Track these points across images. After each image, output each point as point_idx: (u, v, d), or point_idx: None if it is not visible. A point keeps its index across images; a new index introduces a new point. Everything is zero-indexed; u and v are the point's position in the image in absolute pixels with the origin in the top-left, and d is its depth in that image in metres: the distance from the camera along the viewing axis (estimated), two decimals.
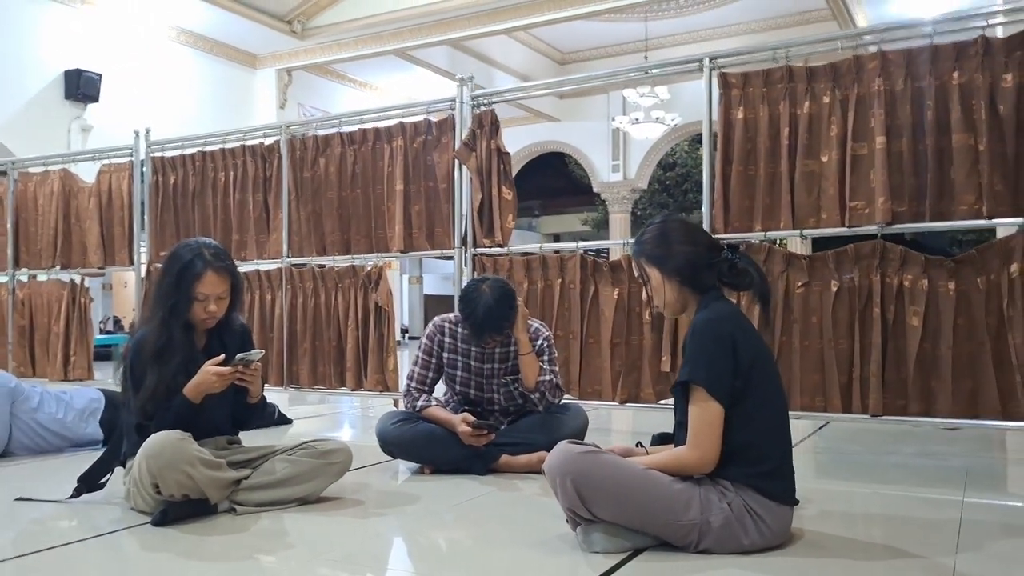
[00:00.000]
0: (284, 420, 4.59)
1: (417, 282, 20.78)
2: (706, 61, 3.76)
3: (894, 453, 3.67)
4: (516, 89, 4.78)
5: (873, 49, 3.38)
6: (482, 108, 4.35)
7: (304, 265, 5.00)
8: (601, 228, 18.52)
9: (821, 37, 3.63)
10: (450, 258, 4.52)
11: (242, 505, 2.48)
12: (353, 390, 4.73)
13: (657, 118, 13.04)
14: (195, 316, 2.56)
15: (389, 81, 13.84)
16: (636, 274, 2.25)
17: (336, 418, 5.29)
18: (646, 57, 12.24)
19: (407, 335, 18.13)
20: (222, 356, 2.48)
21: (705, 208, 3.72)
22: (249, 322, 4.87)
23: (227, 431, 2.68)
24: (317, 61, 12.20)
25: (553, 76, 14.54)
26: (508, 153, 4.35)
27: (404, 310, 19.72)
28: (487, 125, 4.28)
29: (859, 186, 3.33)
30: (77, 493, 2.66)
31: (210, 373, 2.45)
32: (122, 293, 16.28)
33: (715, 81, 3.70)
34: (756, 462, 1.97)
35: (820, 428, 4.21)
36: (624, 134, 14.44)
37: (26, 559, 2.11)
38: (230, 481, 2.46)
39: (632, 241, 2.32)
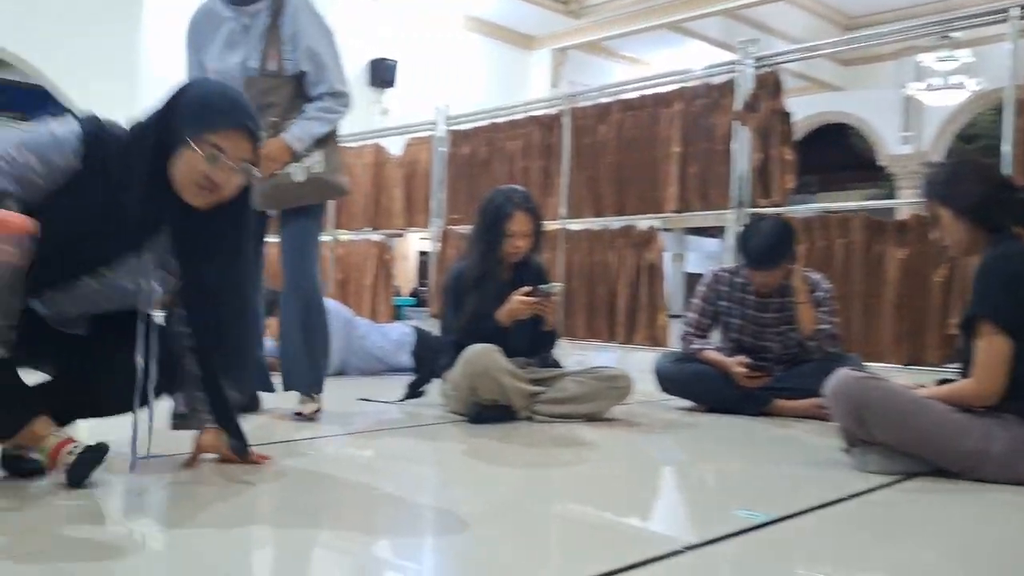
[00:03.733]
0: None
1: (679, 260, 20.74)
2: (1015, 11, 3.53)
3: None
4: (801, 48, 4.72)
5: None
6: (764, 70, 4.41)
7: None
8: None
9: None
10: (716, 233, 4.62)
11: (539, 415, 2.87)
12: (623, 344, 5.03)
13: (958, 83, 11.89)
14: (504, 251, 2.98)
15: (660, 55, 13.94)
16: (925, 214, 2.28)
17: None
18: None
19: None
20: (530, 288, 2.87)
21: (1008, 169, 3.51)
22: None
23: (525, 354, 3.07)
24: (591, 39, 12.63)
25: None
26: (790, 114, 4.37)
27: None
28: (769, 86, 4.33)
29: None
30: (404, 398, 3.21)
31: (518, 301, 2.85)
32: (401, 265, 18.00)
33: None
34: None
35: None
36: (917, 102, 13.35)
37: (372, 434, 2.63)
38: (530, 393, 2.85)
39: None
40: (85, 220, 1.69)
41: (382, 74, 11.67)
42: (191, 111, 1.75)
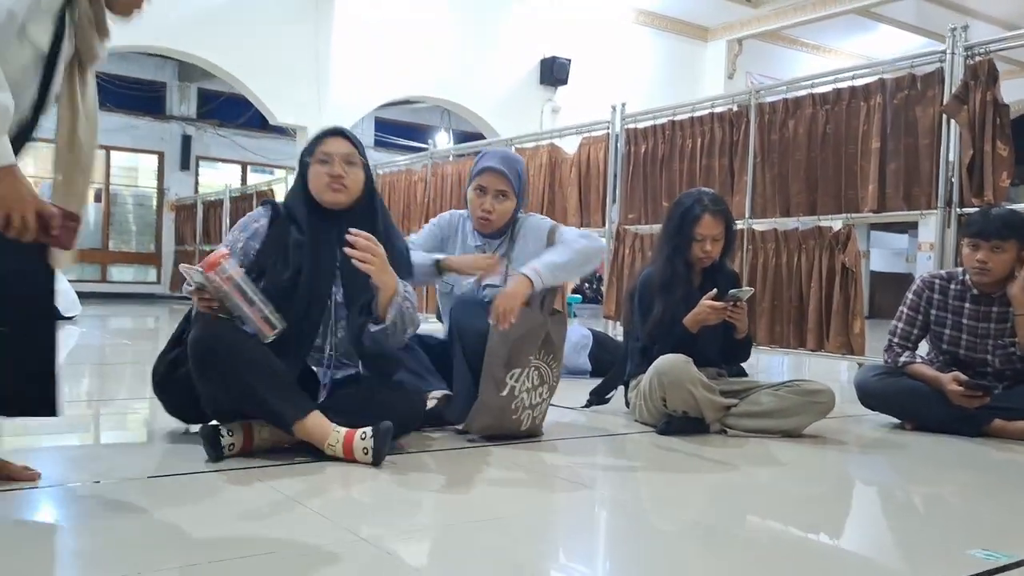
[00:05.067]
0: None
1: (864, 257, 19.51)
2: None
3: None
4: (1018, 35, 4.30)
5: None
6: (978, 58, 4.03)
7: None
8: None
9: None
10: (904, 229, 4.27)
11: (732, 429, 2.76)
12: (813, 351, 4.77)
13: None
14: (693, 255, 2.89)
15: (846, 43, 13.16)
16: None
17: None
18: None
19: None
20: (715, 291, 2.77)
21: None
22: None
23: (716, 363, 2.97)
24: (771, 28, 12.11)
25: None
26: (1007, 105, 3.98)
27: None
28: (983, 76, 3.96)
29: None
30: (588, 404, 3.20)
31: (706, 306, 2.76)
32: None
33: None
34: None
35: None
36: None
37: (565, 442, 2.63)
38: (723, 405, 2.75)
39: None
40: (293, 259, 2.20)
41: (554, 72, 11.74)
42: (306, 148, 2.33)
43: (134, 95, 14.08)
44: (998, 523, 1.87)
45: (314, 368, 2.29)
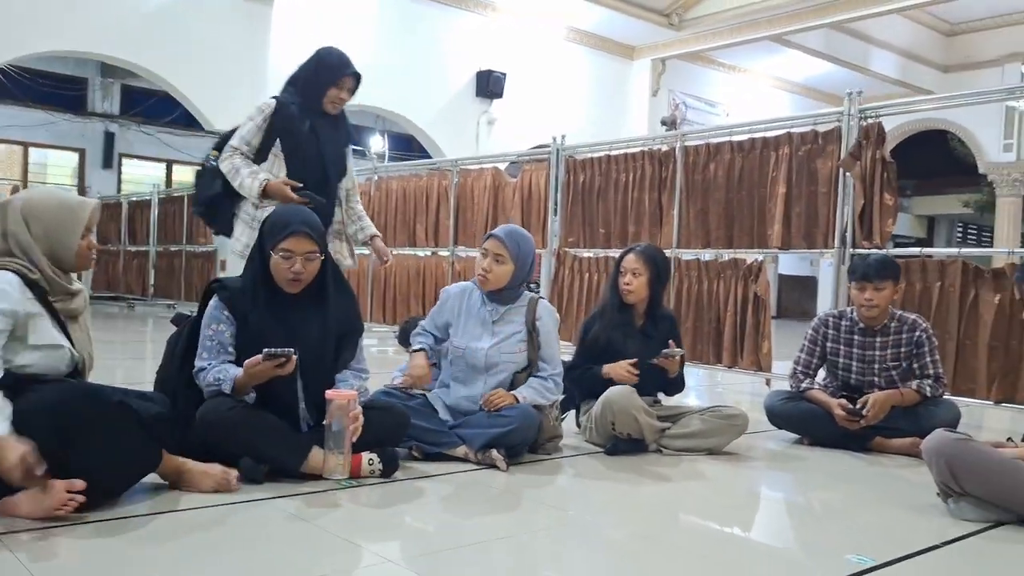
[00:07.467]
0: None
1: (773, 261, 20.66)
2: None
3: None
4: (903, 103, 5.06)
5: None
6: (869, 120, 4.73)
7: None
8: (985, 211, 16.97)
9: None
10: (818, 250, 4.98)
11: (667, 448, 3.35)
12: (729, 367, 5.43)
13: None
14: (620, 287, 3.49)
15: (758, 63, 14.10)
16: (1019, 297, 2.64)
17: None
18: None
19: None
20: (636, 360, 3.35)
21: None
22: None
23: (653, 393, 3.55)
24: (692, 50, 12.91)
25: (938, 50, 13.71)
26: (893, 162, 4.69)
27: None
28: (873, 136, 4.66)
29: None
30: None
31: (623, 369, 3.35)
32: None
33: None
34: None
35: None
36: (1021, 112, 13.14)
37: (525, 461, 3.15)
38: (660, 429, 3.33)
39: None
40: (264, 342, 2.45)
41: (490, 85, 12.19)
42: (268, 232, 2.58)
43: (54, 92, 13.90)
44: (874, 533, 2.47)
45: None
